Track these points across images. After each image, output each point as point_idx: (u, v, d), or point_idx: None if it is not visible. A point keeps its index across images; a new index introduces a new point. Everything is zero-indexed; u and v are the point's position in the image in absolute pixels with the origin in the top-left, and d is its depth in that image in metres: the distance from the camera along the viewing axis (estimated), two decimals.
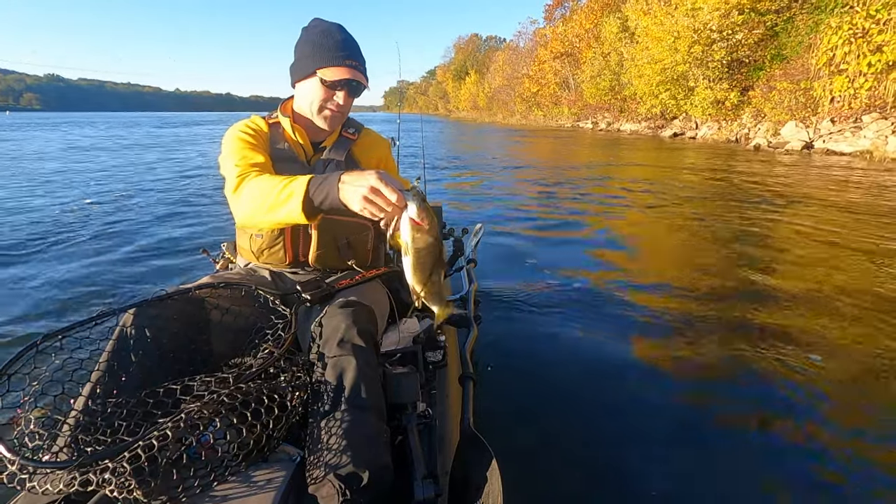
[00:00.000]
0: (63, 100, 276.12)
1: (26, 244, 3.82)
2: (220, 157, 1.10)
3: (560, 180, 7.75)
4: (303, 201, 0.84)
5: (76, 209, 5.30)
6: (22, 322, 2.38)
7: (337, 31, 1.09)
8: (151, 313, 0.93)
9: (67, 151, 12.82)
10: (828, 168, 8.30)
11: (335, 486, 0.76)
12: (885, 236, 3.81)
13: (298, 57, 1.12)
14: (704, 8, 15.63)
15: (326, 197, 0.83)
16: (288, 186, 0.87)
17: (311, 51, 1.08)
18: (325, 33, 1.09)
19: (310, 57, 1.08)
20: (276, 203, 0.88)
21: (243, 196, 0.97)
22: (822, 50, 11.25)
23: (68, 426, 0.79)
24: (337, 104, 1.11)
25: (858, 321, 2.29)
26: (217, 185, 7.34)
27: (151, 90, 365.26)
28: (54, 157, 11.16)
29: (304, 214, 0.86)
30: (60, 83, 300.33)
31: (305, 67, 1.09)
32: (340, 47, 1.07)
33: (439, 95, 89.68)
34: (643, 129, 20.72)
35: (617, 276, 3.02)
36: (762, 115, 13.97)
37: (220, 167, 1.09)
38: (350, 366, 0.87)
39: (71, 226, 4.52)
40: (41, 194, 6.22)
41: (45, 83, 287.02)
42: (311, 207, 0.86)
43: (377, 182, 0.77)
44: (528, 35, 43.23)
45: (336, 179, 0.82)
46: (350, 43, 1.09)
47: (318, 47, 1.07)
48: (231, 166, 1.03)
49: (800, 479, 1.32)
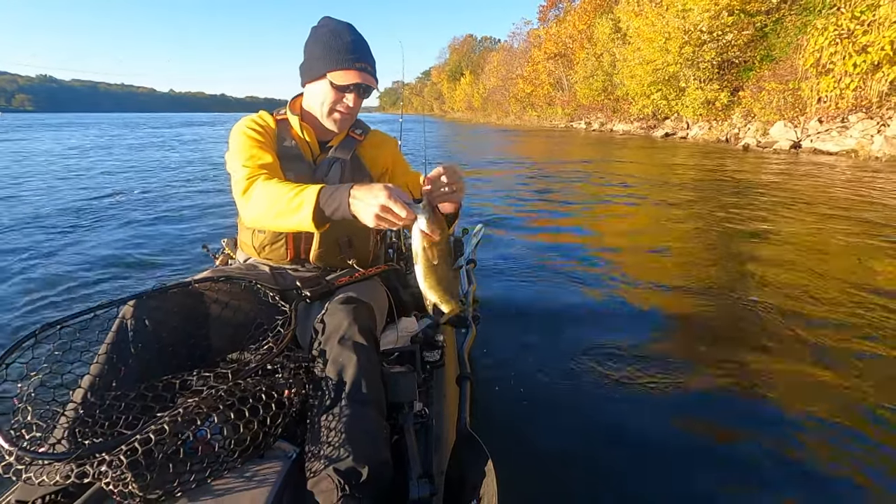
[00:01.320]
0: (55, 101, 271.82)
1: (26, 237, 3.79)
2: (227, 153, 1.09)
3: (556, 178, 7.80)
4: (313, 211, 0.87)
5: (76, 205, 5.29)
6: (21, 312, 2.38)
7: (347, 32, 1.09)
8: (151, 305, 0.93)
9: (70, 152, 12.68)
10: (814, 167, 8.43)
11: (334, 480, 0.76)
12: (856, 233, 3.88)
13: (308, 57, 1.11)
14: (695, 9, 15.83)
15: (338, 208, 0.85)
16: (299, 195, 0.89)
17: (322, 52, 1.07)
18: (335, 34, 1.08)
19: (320, 59, 1.07)
20: (286, 211, 0.90)
21: (253, 200, 0.97)
22: (809, 51, 11.44)
23: (66, 417, 0.78)
24: (346, 106, 1.10)
25: (838, 312, 2.34)
26: (216, 183, 7.29)
27: (146, 91, 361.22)
28: (61, 157, 11.09)
29: (315, 224, 0.88)
30: (53, 84, 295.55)
31: (315, 69, 1.09)
32: (350, 49, 1.06)
33: (434, 96, 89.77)
34: (635, 129, 20.91)
35: (617, 276, 3.03)
36: (752, 115, 14.16)
37: (226, 164, 1.08)
38: (351, 362, 0.87)
39: (72, 219, 4.50)
40: (41, 193, 6.18)
41: (38, 84, 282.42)
42: (322, 217, 0.88)
43: (387, 201, 0.79)
44: (522, 36, 43.52)
45: (347, 192, 0.84)
46: (360, 44, 1.09)
47: (328, 49, 1.06)
48: (239, 166, 1.03)
49: (802, 481, 1.32)
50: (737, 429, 1.55)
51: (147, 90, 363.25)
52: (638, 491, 1.29)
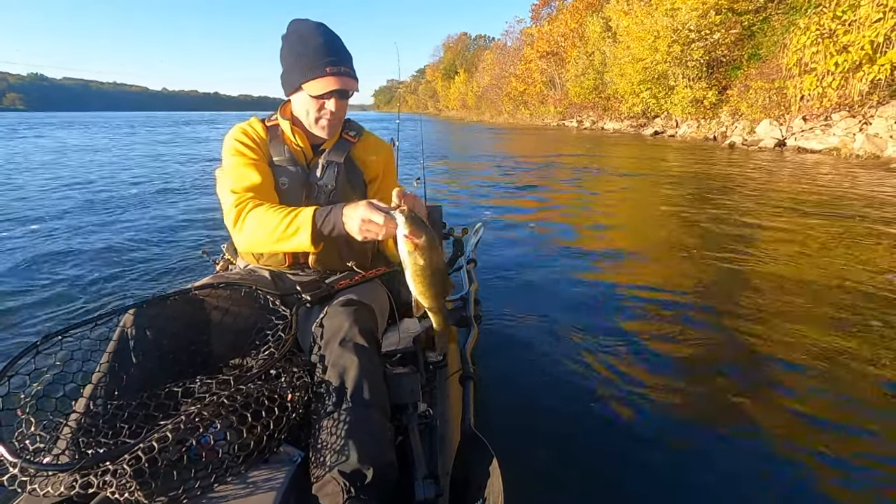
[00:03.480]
0: (47, 100, 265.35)
1: (21, 247, 3.72)
2: (218, 170, 1.09)
3: (552, 176, 7.84)
4: (311, 234, 0.93)
5: (75, 208, 5.20)
6: (20, 324, 2.35)
7: (314, 34, 1.04)
8: (151, 314, 0.92)
9: (67, 152, 12.40)
10: (795, 164, 8.57)
11: (339, 483, 0.77)
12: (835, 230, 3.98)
13: (284, 69, 1.09)
14: (683, 8, 15.99)
15: (334, 228, 0.93)
16: (294, 221, 0.94)
17: (294, 62, 1.05)
18: (303, 39, 1.04)
19: (294, 70, 1.05)
20: (282, 237, 0.95)
21: (245, 231, 1.00)
22: (792, 50, 11.60)
23: (69, 428, 0.78)
24: (330, 112, 1.08)
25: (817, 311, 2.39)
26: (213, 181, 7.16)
27: (138, 90, 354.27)
28: (66, 157, 10.85)
29: (314, 245, 0.95)
30: (44, 83, 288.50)
31: (291, 81, 1.07)
32: (321, 53, 1.02)
33: (429, 94, 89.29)
34: (625, 127, 21.07)
35: (616, 275, 3.05)
36: (739, 113, 14.37)
37: (216, 182, 1.07)
38: (352, 365, 0.87)
39: (70, 227, 4.41)
40: (41, 192, 6.06)
41: (29, 83, 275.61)
42: (320, 237, 0.94)
43: (365, 212, 0.87)
44: (515, 34, 43.53)
45: (340, 212, 0.92)
46: (330, 45, 1.04)
47: (299, 57, 1.03)
48: (227, 192, 1.03)
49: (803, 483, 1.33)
50: (739, 431, 1.54)
51: (140, 88, 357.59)
52: (644, 490, 1.29)
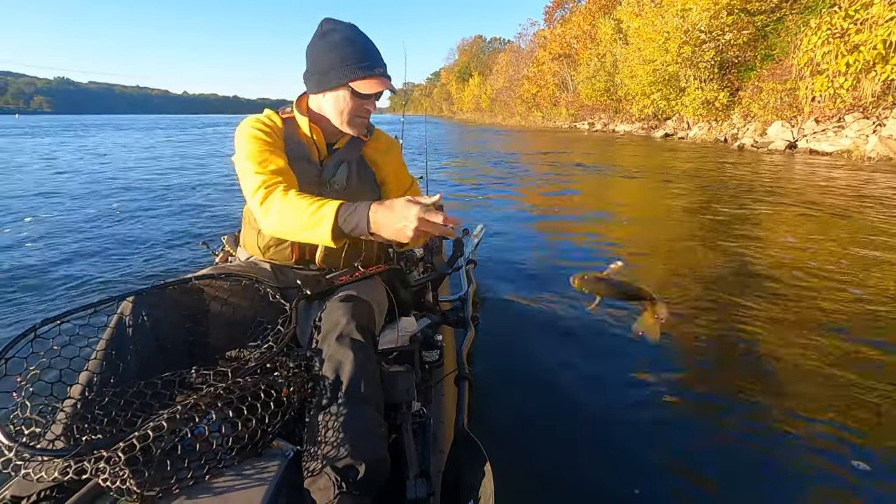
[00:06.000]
0: (73, 103, 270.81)
1: (23, 233, 3.80)
2: (235, 156, 1.08)
3: (556, 177, 7.81)
4: (332, 229, 0.91)
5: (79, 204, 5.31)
6: (19, 307, 2.38)
7: (360, 36, 1.08)
8: (150, 302, 0.93)
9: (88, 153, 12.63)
10: (805, 166, 8.41)
11: (331, 478, 0.77)
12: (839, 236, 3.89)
13: (321, 66, 1.08)
14: (694, 9, 15.82)
15: (356, 227, 0.90)
16: (318, 212, 0.92)
17: (339, 61, 1.06)
18: (349, 41, 1.07)
19: (338, 67, 1.06)
20: (305, 226, 0.94)
21: (272, 213, 0.98)
22: (803, 50, 11.37)
23: (64, 413, 0.78)
24: (368, 111, 1.12)
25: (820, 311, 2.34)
26: (214, 180, 7.28)
27: (160, 93, 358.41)
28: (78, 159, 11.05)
29: (333, 240, 0.92)
30: (70, 86, 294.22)
31: (333, 78, 1.07)
32: (367, 56, 1.06)
33: (444, 97, 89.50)
34: (636, 129, 20.92)
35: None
36: (751, 115, 14.16)
37: (235, 165, 1.07)
38: (348, 360, 0.87)
39: (71, 216, 4.50)
40: (41, 190, 6.19)
41: (56, 86, 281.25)
42: (340, 234, 0.92)
43: (423, 214, 0.85)
44: (528, 36, 43.37)
45: (366, 214, 0.89)
46: (373, 49, 1.09)
47: (347, 57, 1.05)
48: (252, 172, 1.02)
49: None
50: (739, 431, 1.52)
51: (161, 91, 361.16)
52: (637, 492, 1.28)
